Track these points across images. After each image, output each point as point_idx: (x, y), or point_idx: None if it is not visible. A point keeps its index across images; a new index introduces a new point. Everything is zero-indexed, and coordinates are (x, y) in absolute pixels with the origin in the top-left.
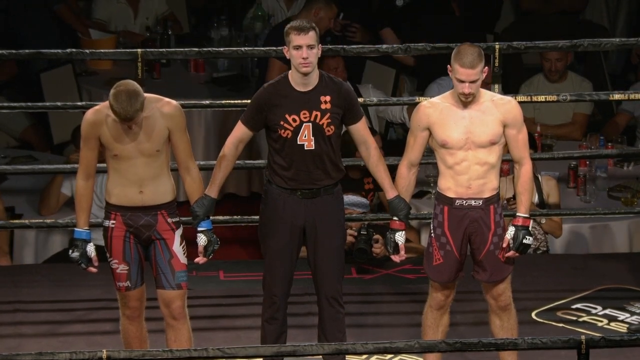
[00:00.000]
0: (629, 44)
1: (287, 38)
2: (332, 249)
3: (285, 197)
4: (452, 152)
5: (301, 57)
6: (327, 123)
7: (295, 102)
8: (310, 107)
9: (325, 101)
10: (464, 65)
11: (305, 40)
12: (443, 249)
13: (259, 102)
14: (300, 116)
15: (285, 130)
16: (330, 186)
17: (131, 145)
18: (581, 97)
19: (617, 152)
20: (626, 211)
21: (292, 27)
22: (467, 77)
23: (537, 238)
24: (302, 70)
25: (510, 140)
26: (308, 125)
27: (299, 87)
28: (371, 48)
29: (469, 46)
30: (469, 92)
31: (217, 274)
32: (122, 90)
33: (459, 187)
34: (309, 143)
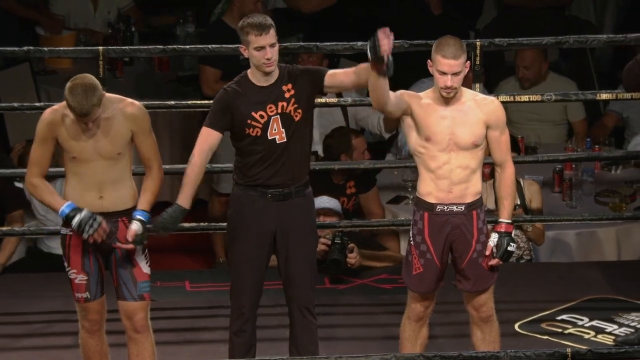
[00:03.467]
0: (617, 41)
1: (246, 37)
2: (304, 256)
3: (254, 201)
4: (433, 154)
5: (265, 57)
6: (293, 109)
7: (260, 99)
8: (275, 100)
9: (288, 89)
10: (447, 56)
11: (267, 40)
12: (423, 258)
13: (223, 104)
14: (267, 111)
15: (254, 129)
16: (302, 188)
17: (90, 147)
18: (567, 96)
19: (605, 155)
20: (614, 217)
21: (250, 25)
22: (449, 68)
23: (520, 246)
24: (266, 70)
25: (493, 142)
26: (276, 118)
27: (261, 82)
28: (345, 45)
29: (451, 38)
30: (451, 84)
31: (183, 284)
32: (78, 84)
33: (440, 191)
34: (280, 136)
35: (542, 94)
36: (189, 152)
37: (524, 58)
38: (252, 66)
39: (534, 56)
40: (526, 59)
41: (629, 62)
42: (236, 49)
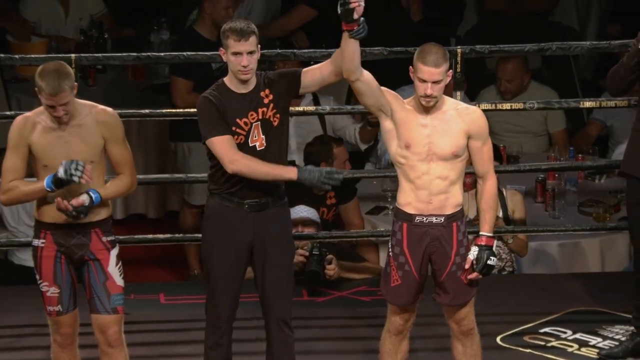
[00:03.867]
0: (601, 48)
1: (226, 42)
2: (281, 267)
3: (231, 212)
4: (413, 164)
5: (241, 64)
6: (272, 114)
7: (242, 105)
8: (256, 107)
9: (266, 94)
10: (427, 63)
11: (245, 47)
12: (402, 269)
13: (216, 108)
14: (249, 118)
15: (239, 136)
16: (278, 198)
17: (62, 154)
18: (549, 104)
19: (588, 164)
20: (598, 227)
21: (230, 30)
22: (429, 76)
23: (502, 258)
24: (241, 78)
25: (475, 153)
26: (257, 124)
27: (240, 90)
28: (324, 52)
29: (434, 45)
30: (430, 93)
31: (157, 297)
32: (50, 66)
33: (420, 202)
34: (260, 142)
35: (524, 102)
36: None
37: (506, 71)
38: (230, 73)
39: (516, 69)
40: (507, 72)
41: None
42: (212, 57)
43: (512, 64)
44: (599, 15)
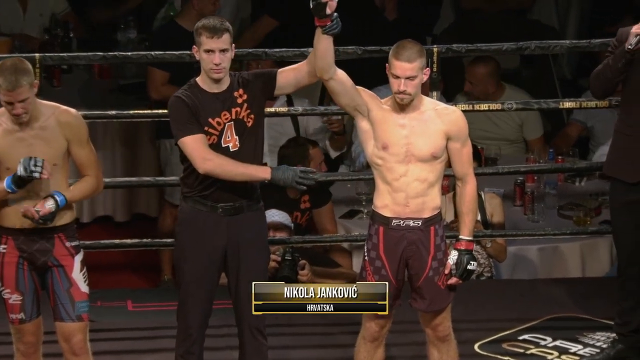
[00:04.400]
0: (581, 47)
1: (198, 39)
2: (256, 273)
3: (205, 217)
4: (390, 165)
5: (213, 62)
6: (246, 114)
7: (215, 105)
8: (229, 107)
9: (240, 94)
10: (400, 58)
11: (218, 45)
12: (378, 274)
13: (187, 108)
14: (222, 118)
15: (211, 136)
16: (253, 202)
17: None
18: (528, 105)
19: (568, 166)
20: (578, 231)
21: (203, 27)
22: (402, 71)
23: (480, 263)
24: (213, 76)
25: (454, 154)
26: (230, 124)
27: (213, 89)
28: (296, 52)
29: (409, 41)
30: (404, 89)
31: (125, 304)
32: (8, 62)
33: (397, 205)
34: (233, 143)
35: (502, 103)
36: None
37: (472, 73)
38: (202, 71)
39: (483, 75)
40: (473, 75)
41: (598, 66)
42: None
43: (481, 68)
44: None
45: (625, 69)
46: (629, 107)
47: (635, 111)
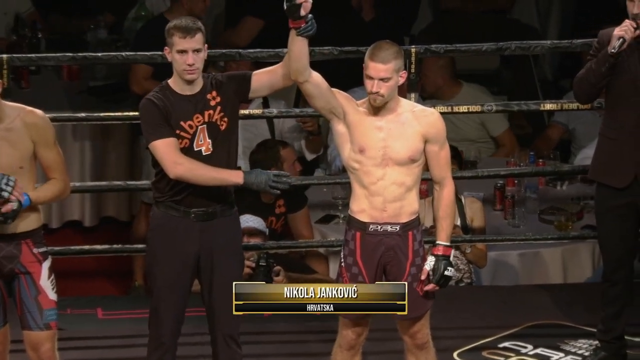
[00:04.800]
0: (562, 47)
1: (170, 39)
2: (230, 280)
3: (177, 222)
4: (367, 169)
5: (186, 63)
6: (220, 117)
7: (187, 108)
8: (202, 109)
9: (213, 97)
10: (375, 59)
11: (191, 44)
12: (354, 280)
13: (158, 111)
14: (194, 121)
15: (183, 140)
16: (227, 207)
17: None
18: (508, 107)
19: (550, 169)
20: (560, 237)
21: (175, 27)
22: (375, 72)
23: (459, 269)
24: (186, 78)
25: (432, 157)
26: (203, 128)
27: (185, 91)
28: (271, 52)
29: (386, 42)
30: (377, 90)
31: (95, 312)
32: None
33: (374, 210)
34: (206, 147)
35: (482, 105)
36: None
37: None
38: (175, 73)
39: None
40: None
41: (581, 70)
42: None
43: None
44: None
45: (609, 73)
46: (614, 110)
47: (621, 114)
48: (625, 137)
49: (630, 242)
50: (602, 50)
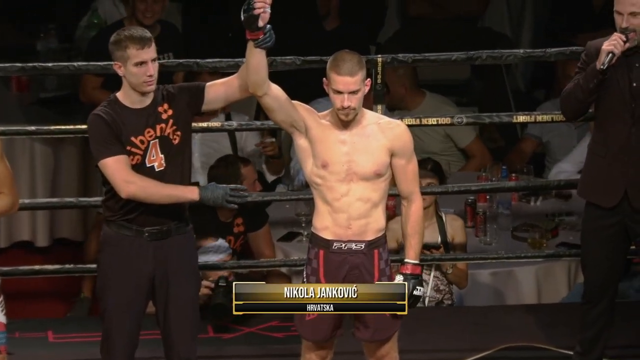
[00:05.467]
0: (535, 56)
1: (124, 52)
2: (186, 301)
3: (130, 242)
4: (330, 184)
5: (146, 74)
6: (172, 131)
7: (138, 122)
8: (153, 123)
9: (165, 109)
10: (342, 72)
11: (149, 55)
12: None
13: (108, 126)
14: (146, 135)
15: (135, 156)
16: (182, 225)
17: None
18: (479, 119)
19: (523, 184)
20: (533, 255)
21: (131, 38)
22: (345, 86)
23: (439, 289)
24: (146, 90)
25: (399, 172)
26: (155, 142)
27: (136, 105)
28: (230, 62)
29: (347, 52)
30: (348, 105)
31: (45, 335)
32: None
33: (338, 227)
34: (159, 163)
35: (451, 117)
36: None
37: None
38: (126, 86)
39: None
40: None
41: (568, 84)
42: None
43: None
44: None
45: (597, 89)
46: (603, 126)
47: (610, 131)
48: (614, 154)
49: (616, 265)
50: (590, 62)
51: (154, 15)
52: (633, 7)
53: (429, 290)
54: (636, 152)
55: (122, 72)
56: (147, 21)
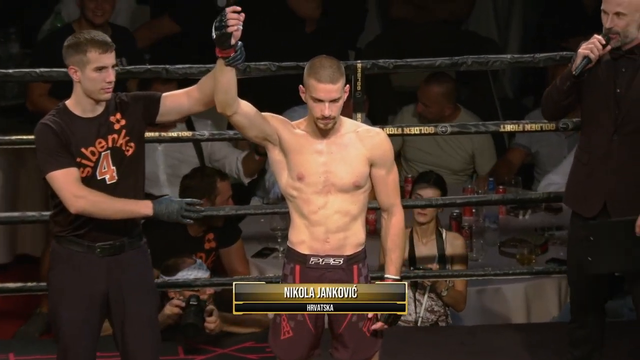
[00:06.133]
0: (524, 62)
1: (84, 56)
2: (144, 319)
3: (81, 258)
4: (307, 197)
5: (106, 80)
6: (125, 142)
7: (89, 132)
8: (105, 134)
9: (117, 119)
10: (322, 79)
11: (110, 60)
12: (293, 320)
13: (57, 137)
14: (97, 146)
15: (85, 168)
16: (135, 238)
17: None
18: (465, 128)
19: (511, 197)
20: (522, 272)
21: (93, 42)
22: (326, 94)
23: (434, 310)
24: (102, 97)
25: (378, 182)
26: (107, 154)
27: (87, 114)
28: (202, 68)
29: (327, 58)
30: (329, 114)
31: (6, 357)
32: None
33: (315, 241)
34: (110, 175)
35: (435, 126)
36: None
37: (425, 93)
38: (79, 94)
39: (437, 95)
40: (427, 95)
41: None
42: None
43: (434, 87)
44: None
45: (571, 91)
46: (587, 132)
47: (593, 137)
48: (596, 161)
49: (602, 280)
50: None
51: (104, 14)
52: (619, 7)
53: (422, 311)
54: (616, 161)
55: (77, 77)
56: (98, 20)
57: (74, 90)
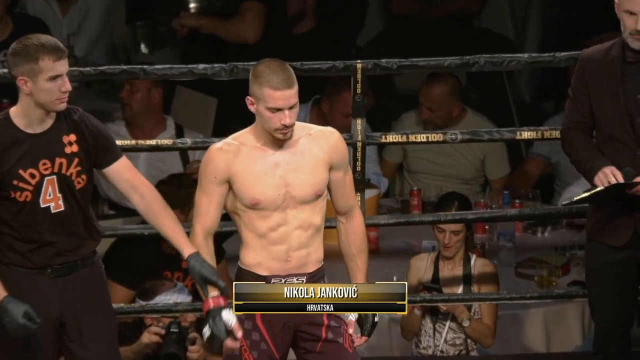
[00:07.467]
0: (542, 62)
1: (35, 65)
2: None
3: (31, 280)
4: (264, 214)
5: (61, 90)
6: (76, 172)
7: (31, 150)
8: (51, 154)
9: (70, 142)
10: (279, 86)
11: (65, 67)
12: (256, 350)
13: None
14: (40, 168)
15: (23, 192)
16: (88, 256)
17: None
18: (477, 135)
19: (528, 212)
20: (541, 295)
21: (46, 48)
22: (285, 101)
23: (455, 344)
24: (57, 108)
25: (337, 186)
26: (52, 179)
27: (31, 128)
28: (183, 69)
29: (275, 63)
30: (291, 122)
31: None
32: None
33: (275, 261)
34: (56, 204)
35: (444, 133)
36: None
37: (428, 97)
38: (27, 105)
39: (441, 96)
40: (430, 99)
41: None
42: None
43: (437, 88)
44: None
45: None
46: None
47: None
48: None
49: (627, 306)
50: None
51: None
52: None
53: (441, 342)
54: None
55: (27, 88)
56: None
57: (20, 100)
